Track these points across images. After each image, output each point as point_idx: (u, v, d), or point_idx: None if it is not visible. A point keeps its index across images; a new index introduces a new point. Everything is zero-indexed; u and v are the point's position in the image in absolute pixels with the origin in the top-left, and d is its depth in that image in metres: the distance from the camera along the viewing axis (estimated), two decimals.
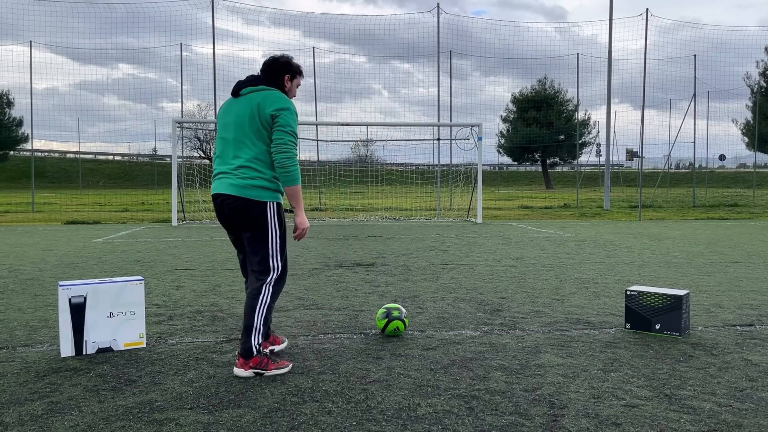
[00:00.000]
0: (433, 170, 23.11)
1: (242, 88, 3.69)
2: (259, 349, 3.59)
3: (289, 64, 3.79)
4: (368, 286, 6.72)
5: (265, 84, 3.69)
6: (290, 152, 3.53)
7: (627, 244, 11.09)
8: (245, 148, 3.58)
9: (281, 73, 3.76)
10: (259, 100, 3.58)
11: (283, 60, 3.79)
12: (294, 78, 3.83)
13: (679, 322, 4.51)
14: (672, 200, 29.02)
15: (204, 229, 15.19)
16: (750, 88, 45.40)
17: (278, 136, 3.52)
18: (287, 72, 3.78)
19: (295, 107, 3.63)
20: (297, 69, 3.83)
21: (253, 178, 3.57)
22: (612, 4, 23.55)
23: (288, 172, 3.54)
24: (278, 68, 3.76)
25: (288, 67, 3.78)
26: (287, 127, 3.53)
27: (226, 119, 3.69)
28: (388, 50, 38.30)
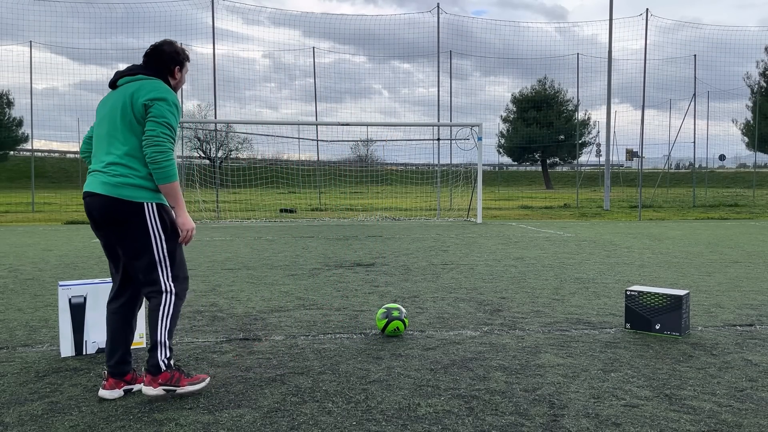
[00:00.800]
0: (433, 170, 23.11)
1: (120, 78, 3.32)
2: (168, 364, 3.24)
3: (177, 52, 3.42)
4: (368, 286, 6.72)
5: (148, 73, 3.32)
6: (163, 146, 3.12)
7: (627, 244, 11.09)
8: (117, 143, 3.20)
9: (169, 64, 3.39)
10: (133, 90, 3.22)
11: (169, 48, 3.40)
12: (183, 68, 3.47)
13: (679, 322, 4.51)
14: (672, 200, 29.03)
15: (204, 229, 15.19)
16: (750, 88, 45.41)
17: (150, 128, 3.12)
18: (176, 63, 3.41)
19: (176, 99, 3.26)
20: (185, 56, 3.46)
21: (126, 176, 3.16)
22: (612, 4, 23.55)
23: (160, 168, 3.12)
24: (166, 58, 3.38)
25: (176, 57, 3.41)
26: (161, 119, 3.14)
27: (100, 113, 3.33)
28: (388, 50, 38.32)
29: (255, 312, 5.39)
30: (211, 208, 19.74)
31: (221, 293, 6.28)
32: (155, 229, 3.21)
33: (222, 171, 23.20)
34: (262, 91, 65.92)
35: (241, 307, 5.61)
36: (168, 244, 3.26)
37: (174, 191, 3.20)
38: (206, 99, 46.53)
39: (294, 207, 22.84)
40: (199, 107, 41.06)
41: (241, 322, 5.02)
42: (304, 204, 24.73)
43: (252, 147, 36.19)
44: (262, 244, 11.20)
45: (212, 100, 22.31)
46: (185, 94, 69.30)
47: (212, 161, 30.96)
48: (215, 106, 22.42)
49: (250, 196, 24.70)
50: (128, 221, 3.18)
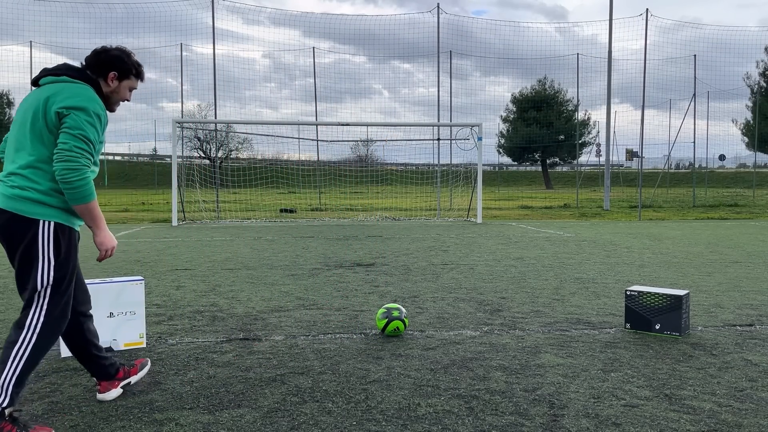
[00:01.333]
0: (433, 170, 23.11)
1: (44, 77, 2.93)
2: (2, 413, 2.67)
3: (121, 59, 2.99)
4: (368, 286, 6.72)
5: (74, 75, 2.91)
6: (75, 162, 2.71)
7: (627, 244, 11.09)
8: (23, 152, 2.82)
9: (107, 68, 2.97)
10: (49, 94, 2.82)
11: (116, 52, 3.00)
12: (124, 78, 3.02)
13: (679, 322, 4.51)
14: (672, 200, 29.03)
15: (204, 229, 15.19)
16: (750, 88, 45.42)
17: (62, 140, 2.72)
18: (114, 68, 2.97)
19: (99, 109, 2.85)
20: (132, 68, 3.03)
21: (23, 188, 2.77)
22: (612, 4, 23.55)
23: (73, 188, 2.72)
24: (106, 59, 2.97)
25: (117, 62, 2.98)
26: (76, 131, 2.73)
27: (17, 114, 2.95)
28: (389, 50, 38.32)
29: (255, 312, 5.39)
30: (211, 208, 19.74)
31: (221, 293, 6.28)
32: (45, 252, 2.80)
33: (222, 171, 23.20)
34: (262, 91, 65.95)
35: (241, 307, 5.61)
36: (56, 272, 2.83)
37: (89, 212, 2.82)
38: (206, 99, 46.56)
39: (294, 207, 22.85)
40: (199, 107, 41.06)
41: (241, 322, 5.03)
42: (304, 204, 24.73)
43: (252, 147, 36.19)
44: (262, 244, 11.20)
45: (212, 100, 22.32)
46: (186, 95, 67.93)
47: (212, 161, 30.96)
48: (215, 106, 22.43)
49: (250, 196, 24.70)
50: (18, 238, 2.80)
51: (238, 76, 36.12)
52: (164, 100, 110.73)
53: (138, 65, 3.07)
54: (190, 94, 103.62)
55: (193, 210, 19.10)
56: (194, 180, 19.29)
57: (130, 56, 3.04)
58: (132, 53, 3.06)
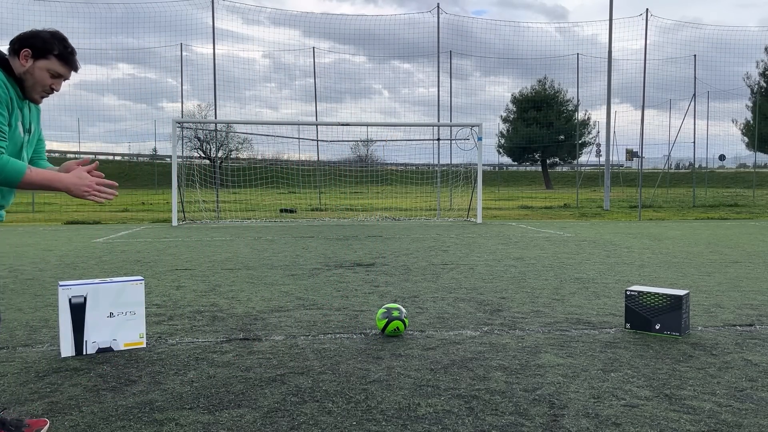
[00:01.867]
0: (433, 170, 23.12)
1: None
2: None
3: (42, 37, 2.60)
4: (368, 286, 6.72)
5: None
6: None
7: (627, 244, 11.09)
8: None
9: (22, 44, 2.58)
10: None
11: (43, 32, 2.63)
12: (40, 57, 2.59)
13: (679, 322, 4.51)
14: (672, 200, 29.03)
15: (204, 229, 15.19)
16: (750, 88, 45.42)
17: None
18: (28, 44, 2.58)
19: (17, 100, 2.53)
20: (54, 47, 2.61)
21: None
22: (612, 4, 23.55)
23: None
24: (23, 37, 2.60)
25: (35, 39, 2.59)
26: None
27: None
28: (389, 50, 38.35)
29: (255, 312, 5.39)
30: (211, 208, 19.75)
31: (221, 293, 6.28)
32: None
33: (222, 171, 23.20)
34: (262, 91, 65.95)
35: (241, 307, 5.61)
36: None
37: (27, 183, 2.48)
38: (206, 99, 46.57)
39: (294, 207, 22.85)
40: (199, 107, 41.07)
41: (241, 322, 5.03)
42: (304, 204, 24.73)
43: (252, 147, 36.21)
44: (262, 244, 11.20)
45: (212, 100, 22.32)
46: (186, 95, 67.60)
47: (212, 161, 30.97)
48: (215, 106, 22.44)
49: (250, 196, 24.71)
50: None
51: (238, 76, 36.12)
52: (164, 100, 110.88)
53: (65, 47, 2.63)
54: (190, 94, 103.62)
55: (193, 210, 19.10)
56: (194, 180, 19.29)
57: (58, 37, 2.62)
58: (65, 37, 2.65)
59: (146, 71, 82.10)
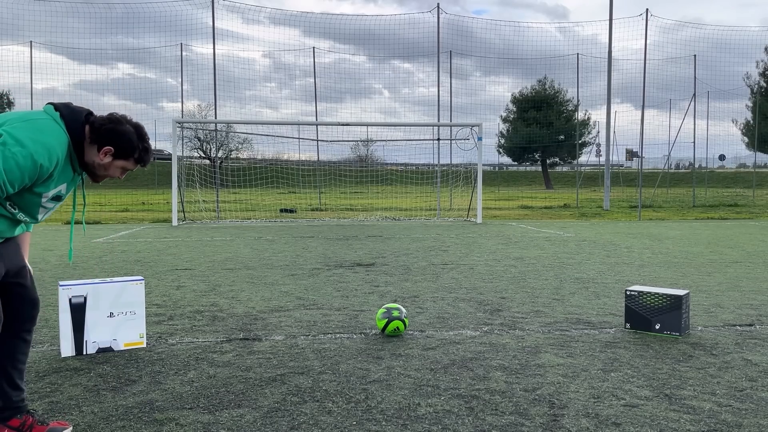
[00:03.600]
0: (433, 170, 23.12)
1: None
2: None
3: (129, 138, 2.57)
4: (368, 286, 6.72)
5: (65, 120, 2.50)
6: None
7: (627, 244, 11.09)
8: None
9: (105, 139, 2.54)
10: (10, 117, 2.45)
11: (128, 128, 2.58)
12: (122, 158, 2.59)
13: (679, 322, 4.51)
14: (672, 200, 29.03)
15: (204, 229, 15.19)
16: (750, 88, 45.42)
17: None
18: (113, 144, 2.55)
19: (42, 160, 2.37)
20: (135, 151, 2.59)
21: None
22: (612, 4, 23.55)
23: None
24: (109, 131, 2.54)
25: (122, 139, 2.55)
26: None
27: None
28: (389, 50, 38.24)
29: (255, 312, 5.39)
30: (211, 208, 19.74)
31: (221, 293, 6.29)
32: None
33: (222, 171, 23.20)
34: (262, 91, 65.90)
35: (241, 307, 5.61)
36: None
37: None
38: (206, 99, 46.55)
39: (294, 207, 22.85)
40: (199, 107, 41.09)
41: (241, 322, 5.03)
42: (304, 204, 24.73)
43: (252, 147, 36.21)
44: (262, 244, 11.20)
45: (212, 100, 22.32)
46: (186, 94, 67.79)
47: (212, 161, 30.98)
48: (215, 106, 22.44)
49: (250, 196, 24.71)
50: None
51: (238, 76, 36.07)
52: (164, 100, 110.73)
53: (145, 150, 2.62)
54: (190, 94, 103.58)
55: (193, 210, 19.10)
56: (194, 180, 19.30)
57: (143, 138, 2.61)
58: (146, 136, 2.63)
59: (146, 71, 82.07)
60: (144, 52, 44.07)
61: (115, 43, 47.28)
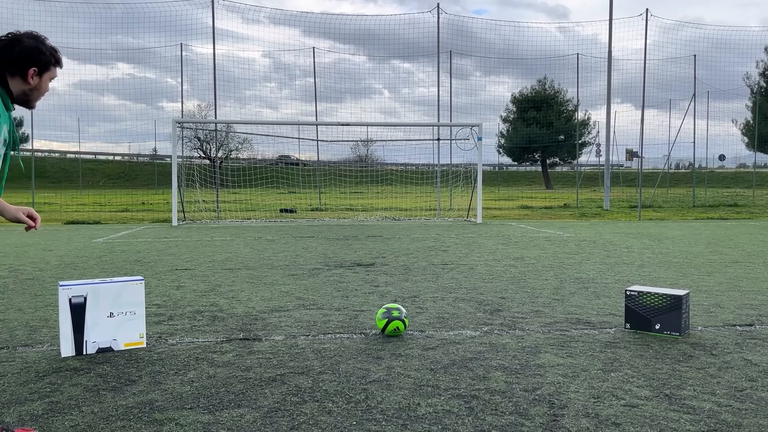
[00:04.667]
0: (433, 170, 23.12)
1: None
2: None
3: (39, 49, 2.50)
4: (368, 286, 6.72)
5: None
6: None
7: (627, 244, 11.09)
8: None
9: (23, 63, 2.48)
10: None
11: (29, 42, 2.49)
12: (46, 70, 2.54)
13: (679, 322, 4.51)
14: (672, 200, 29.03)
15: (204, 229, 15.19)
16: (750, 88, 45.42)
17: None
18: (34, 63, 2.50)
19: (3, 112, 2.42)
20: (51, 57, 2.54)
21: None
22: (612, 4, 23.55)
23: None
24: (19, 54, 2.47)
25: (35, 55, 2.49)
26: None
27: None
28: (389, 50, 38.17)
29: (255, 312, 5.39)
30: (211, 208, 19.74)
31: (221, 293, 6.28)
32: None
33: (222, 171, 23.20)
34: (262, 91, 65.88)
35: (241, 307, 5.61)
36: None
37: None
38: (206, 99, 46.53)
39: (294, 207, 22.85)
40: (199, 107, 41.09)
41: (241, 322, 5.03)
42: (304, 204, 24.73)
43: (252, 147, 36.20)
44: (262, 244, 11.20)
45: (212, 100, 22.33)
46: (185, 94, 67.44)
47: (212, 161, 30.98)
48: (215, 106, 22.45)
49: (250, 196, 24.71)
50: None
51: (238, 75, 36.07)
52: (164, 100, 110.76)
53: (54, 51, 2.57)
54: (190, 94, 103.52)
55: (193, 210, 19.10)
56: (194, 180, 19.30)
57: (45, 42, 2.54)
58: (45, 38, 2.55)
59: (146, 71, 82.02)
60: (144, 52, 44.10)
61: (115, 42, 47.29)
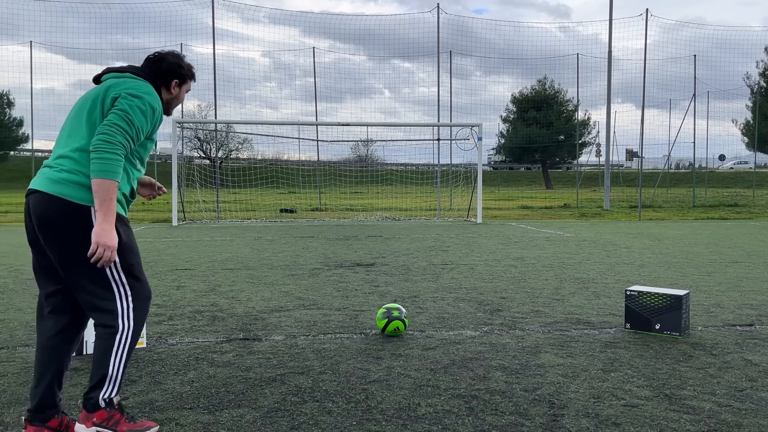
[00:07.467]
0: (433, 170, 23.12)
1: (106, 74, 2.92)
2: (109, 401, 2.69)
3: (180, 65, 3.01)
4: (368, 286, 6.72)
5: (137, 74, 2.90)
6: (113, 137, 2.57)
7: (627, 244, 11.09)
8: (77, 136, 2.70)
9: (167, 75, 2.97)
10: (111, 84, 2.78)
11: (173, 59, 3.00)
12: (184, 83, 3.05)
13: (679, 322, 4.51)
14: (672, 200, 29.02)
15: (204, 229, 15.19)
16: (750, 88, 45.39)
17: (108, 119, 2.61)
18: (175, 75, 2.99)
19: (156, 103, 2.80)
20: (188, 72, 3.05)
21: (72, 172, 2.62)
22: (612, 4, 23.55)
23: (99, 158, 2.54)
24: (165, 67, 2.96)
25: (177, 69, 2.99)
26: (123, 113, 2.63)
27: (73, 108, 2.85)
28: (389, 49, 38.17)
29: (255, 312, 5.39)
30: (211, 208, 19.74)
31: (221, 293, 6.28)
32: None
33: (222, 171, 23.21)
34: (262, 91, 65.84)
35: (241, 307, 5.61)
36: (122, 259, 2.73)
37: (104, 191, 2.55)
38: (206, 99, 46.48)
39: (294, 207, 22.85)
40: (199, 107, 41.06)
41: (241, 322, 5.03)
42: (304, 204, 24.73)
43: (252, 147, 36.19)
44: (262, 244, 11.20)
45: (212, 100, 22.34)
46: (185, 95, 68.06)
47: (212, 161, 30.98)
48: (215, 106, 22.46)
49: (250, 196, 24.70)
50: (68, 228, 2.61)
51: (237, 75, 36.11)
52: None
53: (190, 67, 3.08)
54: (190, 94, 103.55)
55: (193, 210, 19.10)
56: (194, 180, 19.30)
57: (183, 60, 3.06)
58: (183, 57, 3.08)
59: None
60: (143, 52, 44.01)
61: (114, 42, 47.21)
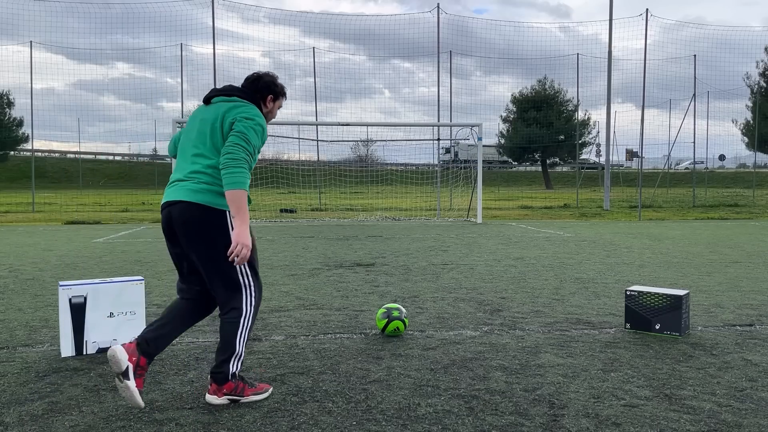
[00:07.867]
0: (433, 170, 23.12)
1: (215, 96, 3.43)
2: (234, 374, 3.21)
3: (275, 83, 3.54)
4: (368, 286, 6.72)
5: (243, 97, 3.41)
6: (236, 154, 3.09)
7: (627, 244, 11.09)
8: (203, 158, 3.24)
9: (264, 91, 3.49)
10: (226, 109, 3.30)
11: (268, 78, 3.53)
12: (277, 99, 3.56)
13: (679, 322, 4.51)
14: (672, 200, 29.02)
15: None
16: (750, 88, 45.36)
17: (229, 141, 3.14)
18: (270, 92, 3.51)
19: (263, 123, 3.32)
20: (281, 90, 3.56)
21: (210, 184, 3.19)
22: (612, 4, 23.55)
23: (229, 172, 3.06)
24: (262, 86, 3.49)
25: (272, 87, 3.52)
26: (242, 135, 3.14)
27: (190, 125, 3.41)
28: (389, 49, 38.17)
29: None
30: None
31: None
32: None
33: None
34: None
35: None
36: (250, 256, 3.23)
37: (238, 199, 3.09)
38: None
39: (294, 207, 22.85)
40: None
41: None
42: (304, 204, 24.73)
43: None
44: (262, 244, 11.20)
45: None
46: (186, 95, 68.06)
47: None
48: None
49: (250, 196, 24.69)
50: (209, 229, 3.17)
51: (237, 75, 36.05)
52: (164, 100, 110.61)
53: (283, 86, 3.58)
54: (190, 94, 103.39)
55: None
56: None
57: (277, 79, 3.56)
58: (277, 77, 3.58)
59: (145, 71, 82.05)
60: (143, 52, 44.12)
61: (114, 42, 47.28)
